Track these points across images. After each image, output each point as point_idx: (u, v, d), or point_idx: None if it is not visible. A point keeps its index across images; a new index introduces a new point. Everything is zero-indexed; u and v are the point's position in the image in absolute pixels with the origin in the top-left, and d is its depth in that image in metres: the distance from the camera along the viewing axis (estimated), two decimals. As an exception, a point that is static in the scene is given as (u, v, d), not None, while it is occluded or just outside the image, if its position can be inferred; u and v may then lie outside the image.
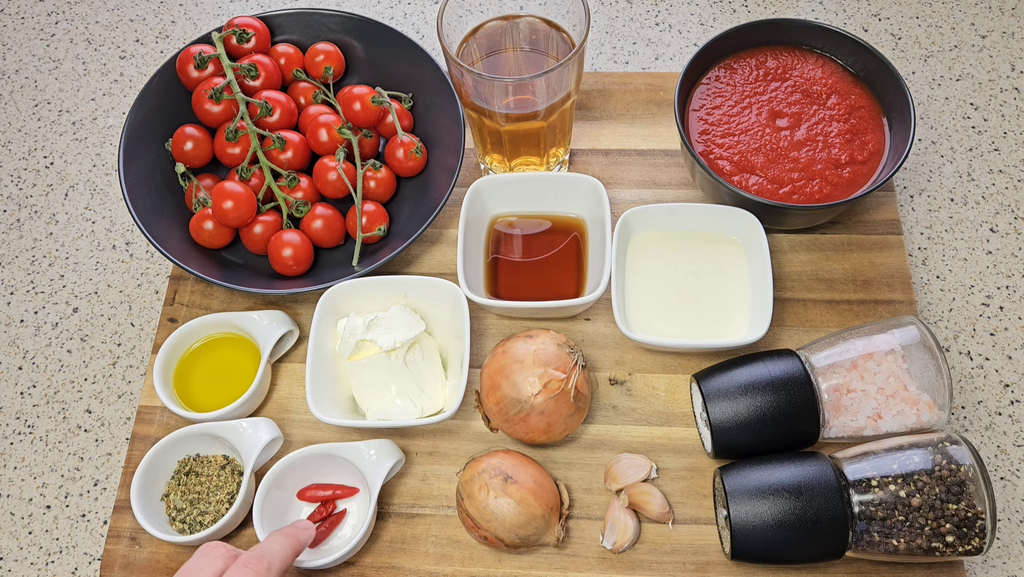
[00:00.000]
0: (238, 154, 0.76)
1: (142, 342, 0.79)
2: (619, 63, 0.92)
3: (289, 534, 0.59)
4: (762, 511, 0.59)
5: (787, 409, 0.62)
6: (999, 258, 0.78)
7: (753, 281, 0.71)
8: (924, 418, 0.62)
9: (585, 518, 0.66)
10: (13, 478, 0.73)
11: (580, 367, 0.65)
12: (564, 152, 0.79)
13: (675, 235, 0.74)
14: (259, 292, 0.72)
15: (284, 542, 0.58)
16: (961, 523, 0.57)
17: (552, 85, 0.67)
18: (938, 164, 0.83)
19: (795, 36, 0.78)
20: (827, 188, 0.72)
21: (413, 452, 0.69)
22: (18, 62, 0.96)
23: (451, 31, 0.70)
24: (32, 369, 0.78)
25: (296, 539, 0.59)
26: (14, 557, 0.70)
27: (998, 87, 0.87)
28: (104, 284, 0.82)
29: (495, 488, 0.61)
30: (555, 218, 0.77)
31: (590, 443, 0.69)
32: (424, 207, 0.76)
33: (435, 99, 0.79)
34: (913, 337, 0.64)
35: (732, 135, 0.74)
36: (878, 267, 0.75)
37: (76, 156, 0.89)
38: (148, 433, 0.71)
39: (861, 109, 0.75)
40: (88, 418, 0.75)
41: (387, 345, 0.67)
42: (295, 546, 0.58)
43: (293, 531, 0.59)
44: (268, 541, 0.57)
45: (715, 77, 0.77)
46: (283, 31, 0.83)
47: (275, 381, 0.73)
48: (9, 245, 0.84)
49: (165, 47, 0.96)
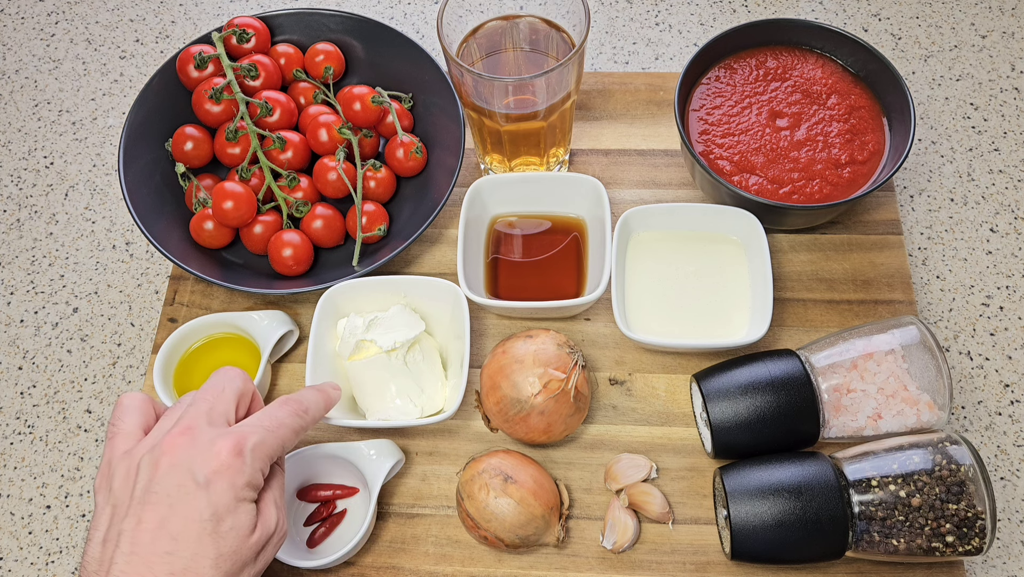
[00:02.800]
0: (238, 154, 0.76)
1: (142, 342, 0.79)
2: (619, 63, 0.92)
3: (321, 389, 0.59)
4: (762, 511, 0.59)
5: (787, 409, 0.62)
6: (999, 258, 0.78)
7: (753, 281, 0.71)
8: (924, 418, 0.62)
9: (585, 518, 0.66)
10: (13, 478, 0.73)
11: (580, 367, 0.65)
12: (564, 152, 0.79)
13: (675, 235, 0.74)
14: (259, 292, 0.72)
15: (318, 396, 0.58)
16: (961, 523, 0.57)
17: (552, 85, 0.67)
18: (938, 164, 0.83)
19: (795, 36, 0.78)
20: (827, 188, 0.72)
21: (413, 452, 0.69)
22: (18, 62, 0.96)
23: (451, 31, 0.70)
24: (32, 369, 0.78)
25: (328, 396, 0.59)
26: (14, 557, 0.70)
27: (998, 87, 0.87)
28: (104, 284, 0.82)
29: (495, 488, 0.61)
30: (555, 218, 0.77)
31: (590, 443, 0.69)
32: (424, 207, 0.76)
33: (435, 99, 0.79)
34: (913, 337, 0.64)
35: (732, 135, 0.74)
36: (878, 267, 0.75)
37: (76, 156, 0.89)
38: (148, 433, 0.71)
39: (861, 109, 0.75)
40: (88, 418, 0.75)
41: (387, 345, 0.67)
42: (327, 402, 0.59)
43: (324, 387, 0.60)
44: (303, 392, 0.57)
45: (715, 77, 0.77)
46: (283, 31, 0.83)
47: (275, 381, 0.73)
48: (9, 245, 0.84)
49: (165, 47, 0.96)
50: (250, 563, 0.49)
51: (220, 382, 0.55)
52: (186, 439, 0.50)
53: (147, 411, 0.54)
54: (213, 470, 0.49)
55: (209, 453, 0.49)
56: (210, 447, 0.49)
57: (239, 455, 0.49)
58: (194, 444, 0.50)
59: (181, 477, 0.48)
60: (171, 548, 0.47)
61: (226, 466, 0.49)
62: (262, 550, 0.50)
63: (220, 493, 0.48)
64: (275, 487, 0.53)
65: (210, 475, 0.48)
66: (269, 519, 0.51)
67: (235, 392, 0.54)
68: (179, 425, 0.51)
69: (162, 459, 0.49)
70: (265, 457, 0.51)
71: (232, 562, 0.48)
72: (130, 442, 0.52)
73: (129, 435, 0.52)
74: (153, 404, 0.55)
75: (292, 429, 0.54)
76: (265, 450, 0.51)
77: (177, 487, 0.48)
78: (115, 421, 0.53)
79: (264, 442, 0.51)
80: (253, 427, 0.52)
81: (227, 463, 0.49)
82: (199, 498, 0.48)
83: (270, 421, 0.53)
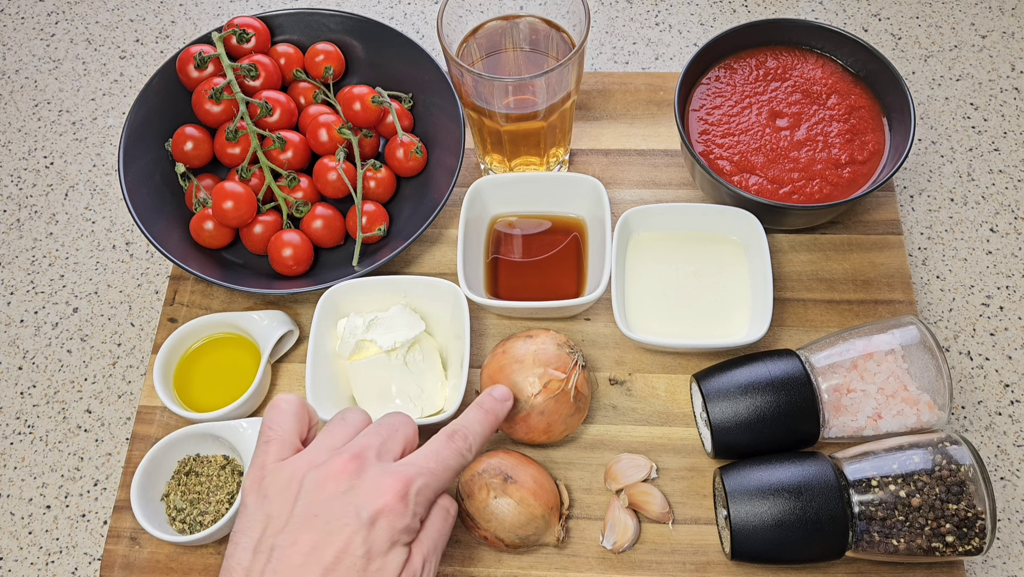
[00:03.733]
0: (238, 154, 0.76)
1: (142, 342, 0.79)
2: (619, 63, 0.92)
3: (489, 410, 0.56)
4: (762, 511, 0.59)
5: (787, 409, 0.62)
6: (999, 258, 0.78)
7: (753, 281, 0.71)
8: (924, 418, 0.62)
9: (585, 518, 0.66)
10: (13, 478, 0.73)
11: (580, 367, 0.65)
12: (564, 152, 0.79)
13: (675, 235, 0.74)
14: (259, 292, 0.72)
15: (485, 420, 0.55)
16: (961, 523, 0.57)
17: (552, 85, 0.67)
18: (938, 164, 0.83)
19: (795, 36, 0.78)
20: (827, 188, 0.72)
21: (413, 452, 0.69)
22: (18, 62, 0.96)
23: (451, 31, 0.70)
24: (32, 369, 0.78)
25: (495, 416, 0.56)
26: (14, 557, 0.70)
27: (998, 87, 0.87)
28: (104, 284, 0.82)
29: (495, 488, 0.61)
30: (555, 218, 0.77)
31: (590, 443, 0.69)
32: (424, 207, 0.76)
33: (435, 99, 0.79)
34: (913, 337, 0.64)
35: (732, 135, 0.74)
36: (878, 267, 0.75)
37: (76, 156, 0.89)
38: (148, 433, 0.71)
39: (861, 109, 0.75)
40: (88, 418, 0.75)
41: (387, 345, 0.67)
42: (494, 424, 0.56)
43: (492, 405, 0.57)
44: (468, 417, 0.55)
45: (715, 77, 0.77)
46: (283, 31, 0.83)
47: (275, 381, 0.73)
48: (9, 245, 0.85)
49: (165, 47, 0.96)
50: None
51: (395, 423, 0.54)
52: (355, 467, 0.50)
53: (303, 418, 0.54)
54: (377, 510, 0.49)
55: (376, 491, 0.49)
56: (378, 484, 0.50)
57: (403, 499, 0.49)
58: (362, 476, 0.50)
59: (344, 508, 0.49)
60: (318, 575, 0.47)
61: (390, 509, 0.49)
62: None
63: (378, 533, 0.48)
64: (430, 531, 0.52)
65: (374, 514, 0.49)
66: (415, 566, 0.50)
67: (405, 438, 0.54)
68: (349, 451, 0.51)
69: (328, 484, 0.49)
70: (425, 502, 0.51)
71: None
72: (286, 450, 0.52)
73: (285, 443, 0.52)
74: (308, 410, 0.55)
75: (454, 471, 0.54)
76: (427, 494, 0.51)
77: (339, 517, 0.48)
78: (272, 425, 0.53)
79: (428, 486, 0.51)
80: (419, 469, 0.52)
81: (391, 506, 0.49)
82: (358, 534, 0.48)
83: (436, 464, 0.53)
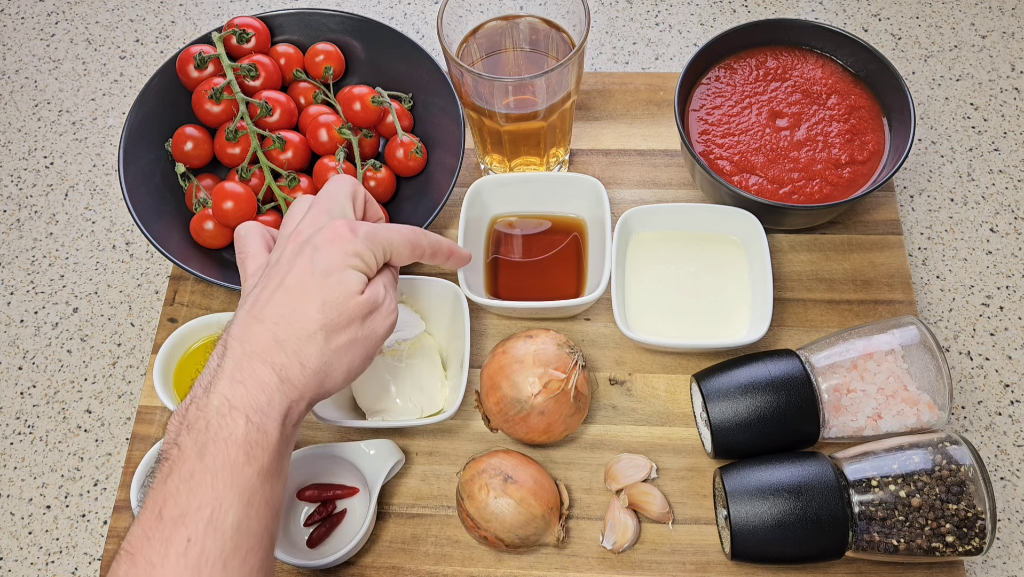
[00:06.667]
0: (238, 154, 0.76)
1: (142, 342, 0.79)
2: (619, 63, 0.92)
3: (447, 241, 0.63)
4: (762, 511, 0.59)
5: (787, 409, 0.62)
6: (999, 258, 0.78)
7: (753, 281, 0.71)
8: (924, 418, 0.62)
9: (585, 518, 0.66)
10: (13, 478, 0.73)
11: (580, 367, 0.65)
12: (564, 152, 0.79)
13: (675, 235, 0.74)
14: (259, 292, 0.72)
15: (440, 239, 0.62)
16: (961, 523, 0.57)
17: (552, 85, 0.67)
18: (938, 164, 0.83)
19: (795, 36, 0.78)
20: (827, 188, 0.72)
21: (413, 452, 0.69)
22: (18, 62, 0.96)
23: (451, 31, 0.70)
24: (32, 369, 0.78)
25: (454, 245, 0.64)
26: (14, 557, 0.70)
27: (998, 87, 0.87)
28: (104, 284, 0.82)
29: (495, 488, 0.61)
30: (555, 218, 0.77)
31: (590, 443, 0.69)
32: (424, 207, 0.76)
33: (435, 99, 0.79)
34: (913, 337, 0.64)
35: (732, 135, 0.74)
36: (878, 267, 0.75)
37: (76, 156, 0.89)
38: (148, 433, 0.71)
39: (861, 109, 0.75)
40: (88, 418, 0.75)
41: (387, 345, 0.67)
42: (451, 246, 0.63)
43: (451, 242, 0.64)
44: None
45: (715, 77, 0.77)
46: (283, 31, 0.83)
47: (275, 381, 0.73)
48: (9, 245, 0.84)
49: (165, 47, 0.96)
50: (356, 321, 0.54)
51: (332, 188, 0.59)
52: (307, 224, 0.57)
53: (264, 234, 0.60)
54: (326, 239, 0.55)
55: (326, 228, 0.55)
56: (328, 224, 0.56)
57: (352, 231, 0.55)
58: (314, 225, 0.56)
59: (301, 247, 0.55)
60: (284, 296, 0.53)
61: (339, 236, 0.55)
62: (369, 316, 0.55)
63: (330, 254, 0.54)
64: (386, 275, 0.58)
65: (323, 242, 0.54)
66: (377, 291, 0.56)
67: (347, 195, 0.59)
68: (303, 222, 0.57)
69: (289, 243, 0.56)
70: (375, 242, 0.56)
71: (338, 312, 0.53)
72: (260, 259, 0.58)
73: (257, 255, 0.58)
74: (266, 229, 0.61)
75: (405, 236, 0.58)
76: (376, 238, 0.56)
77: (296, 254, 0.55)
78: (241, 248, 0.59)
79: (376, 230, 0.56)
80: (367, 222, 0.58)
81: (340, 234, 0.55)
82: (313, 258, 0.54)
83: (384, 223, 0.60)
